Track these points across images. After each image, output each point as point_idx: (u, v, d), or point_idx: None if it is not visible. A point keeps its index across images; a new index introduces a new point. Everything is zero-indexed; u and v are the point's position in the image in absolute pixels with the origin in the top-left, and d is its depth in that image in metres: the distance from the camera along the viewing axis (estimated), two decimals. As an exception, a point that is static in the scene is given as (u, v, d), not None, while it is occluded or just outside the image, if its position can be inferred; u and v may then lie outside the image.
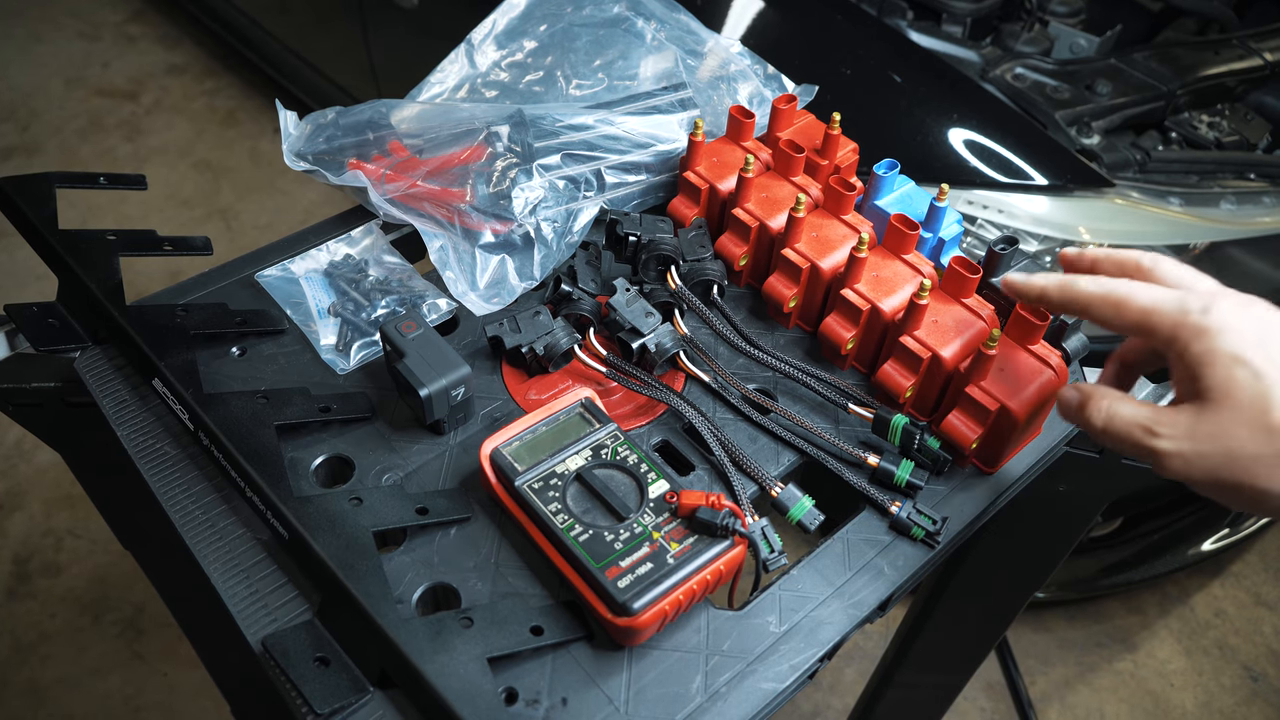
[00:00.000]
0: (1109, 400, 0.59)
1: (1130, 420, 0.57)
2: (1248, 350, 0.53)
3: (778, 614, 0.64)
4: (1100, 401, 0.59)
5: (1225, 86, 1.67)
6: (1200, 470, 0.54)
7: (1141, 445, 0.57)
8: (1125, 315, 0.58)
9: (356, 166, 0.83)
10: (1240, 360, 0.53)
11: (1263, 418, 0.52)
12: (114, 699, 1.76)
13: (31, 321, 0.74)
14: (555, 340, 0.75)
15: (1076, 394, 0.61)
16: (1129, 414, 0.57)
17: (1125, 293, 0.58)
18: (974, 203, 1.43)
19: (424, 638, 0.56)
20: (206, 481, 0.67)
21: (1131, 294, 0.58)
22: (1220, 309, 0.54)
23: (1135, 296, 0.57)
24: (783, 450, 0.74)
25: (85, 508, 2.00)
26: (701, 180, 0.85)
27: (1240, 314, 0.54)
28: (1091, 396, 0.60)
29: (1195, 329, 0.54)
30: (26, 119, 2.98)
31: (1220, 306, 0.55)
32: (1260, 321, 0.54)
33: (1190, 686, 1.90)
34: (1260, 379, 0.52)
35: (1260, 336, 0.53)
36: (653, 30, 0.96)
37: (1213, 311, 0.54)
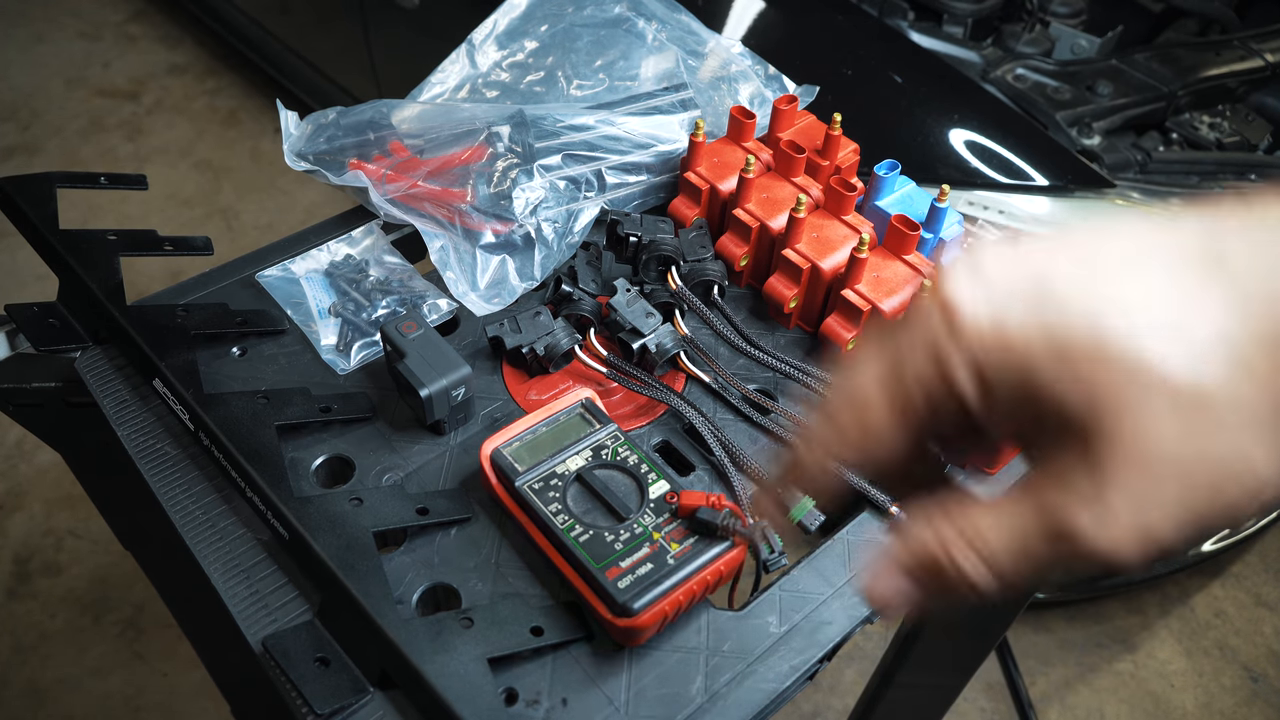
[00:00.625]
0: (944, 524, 0.34)
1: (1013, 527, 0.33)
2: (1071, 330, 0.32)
3: (778, 614, 0.64)
4: (954, 549, 0.34)
5: (1226, 87, 1.67)
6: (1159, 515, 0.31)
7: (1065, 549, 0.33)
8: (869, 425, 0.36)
9: (357, 166, 0.83)
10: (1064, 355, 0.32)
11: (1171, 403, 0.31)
12: (114, 699, 1.76)
13: (32, 321, 0.74)
14: (556, 340, 0.75)
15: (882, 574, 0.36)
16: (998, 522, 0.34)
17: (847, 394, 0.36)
18: (975, 203, 1.43)
19: (424, 638, 0.56)
20: (207, 482, 0.67)
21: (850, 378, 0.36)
22: (956, 293, 0.33)
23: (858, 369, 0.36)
24: (783, 451, 0.74)
25: (85, 508, 2.00)
26: (702, 181, 0.85)
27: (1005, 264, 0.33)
28: (907, 539, 0.35)
29: (956, 357, 0.33)
30: (27, 119, 2.98)
31: (953, 288, 0.33)
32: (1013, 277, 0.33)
33: (1190, 687, 1.90)
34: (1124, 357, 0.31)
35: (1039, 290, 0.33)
36: (654, 31, 0.96)
37: (956, 310, 0.33)
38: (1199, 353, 0.31)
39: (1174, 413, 0.31)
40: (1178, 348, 0.31)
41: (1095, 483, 0.31)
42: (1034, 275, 0.33)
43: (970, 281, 0.33)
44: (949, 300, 0.33)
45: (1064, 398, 0.32)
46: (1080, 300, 0.32)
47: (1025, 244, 0.34)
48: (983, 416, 0.34)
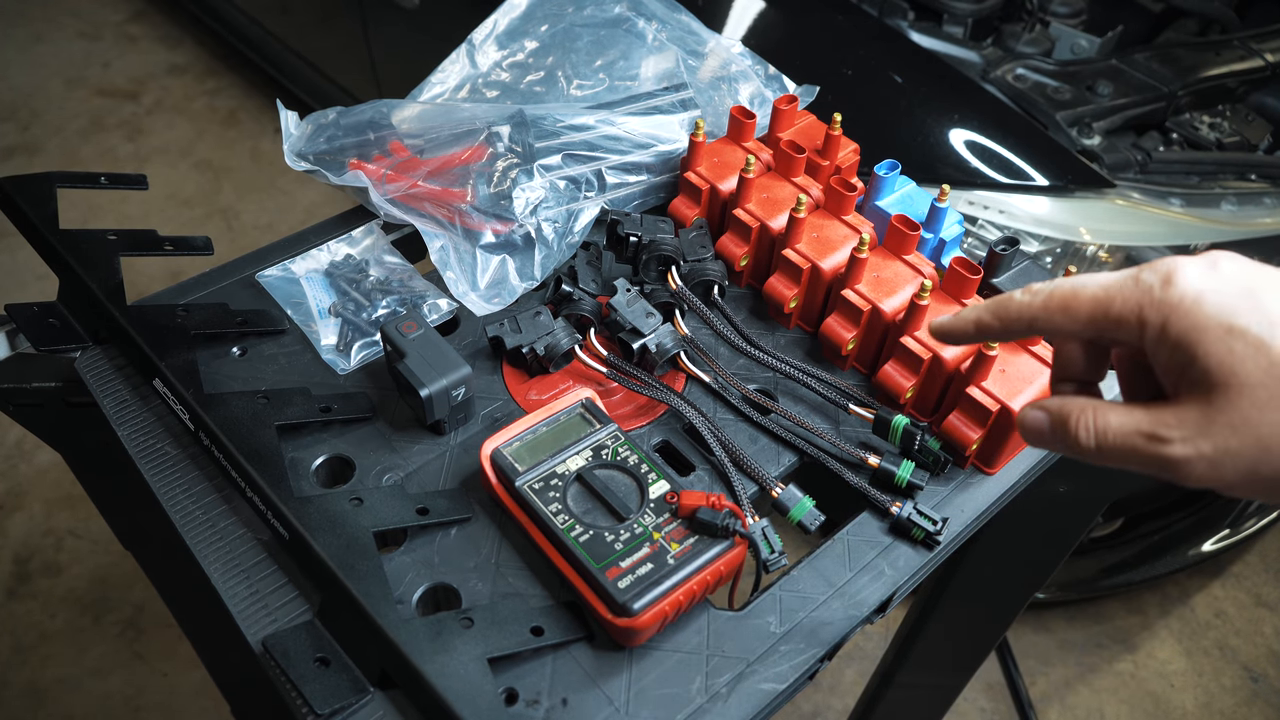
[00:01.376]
0: (1092, 412, 0.47)
1: (1128, 431, 0.46)
2: (1239, 315, 0.43)
3: (778, 614, 0.64)
4: (1083, 416, 0.48)
5: (1226, 87, 1.66)
6: (1233, 470, 0.44)
7: (1152, 456, 0.45)
8: (1076, 313, 0.47)
9: (357, 166, 0.83)
10: (1234, 330, 0.43)
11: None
12: (114, 699, 1.76)
13: (32, 321, 0.74)
14: (556, 340, 0.75)
15: (1044, 414, 0.49)
16: (1123, 424, 0.46)
17: (1070, 288, 0.47)
18: (975, 203, 1.43)
19: (424, 638, 0.56)
20: (207, 481, 0.67)
21: (1078, 287, 0.47)
22: (1185, 276, 0.44)
23: (1083, 288, 0.47)
24: (783, 451, 0.74)
25: (85, 508, 2.00)
26: (702, 181, 0.85)
27: (1209, 275, 0.44)
28: (1070, 412, 0.48)
29: (1166, 306, 0.44)
30: (27, 119, 2.98)
31: (1184, 273, 0.45)
32: (1235, 276, 0.44)
33: (1190, 687, 1.90)
34: (1266, 347, 0.42)
35: (1246, 290, 0.44)
36: (654, 31, 0.96)
37: (1177, 281, 0.44)
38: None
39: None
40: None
41: (1200, 429, 0.44)
42: (1247, 277, 0.44)
43: (1200, 266, 0.45)
44: (1174, 272, 0.45)
45: (1218, 363, 0.43)
46: (1265, 307, 0.43)
47: (1244, 262, 0.45)
48: (1151, 351, 0.46)
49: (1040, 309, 0.49)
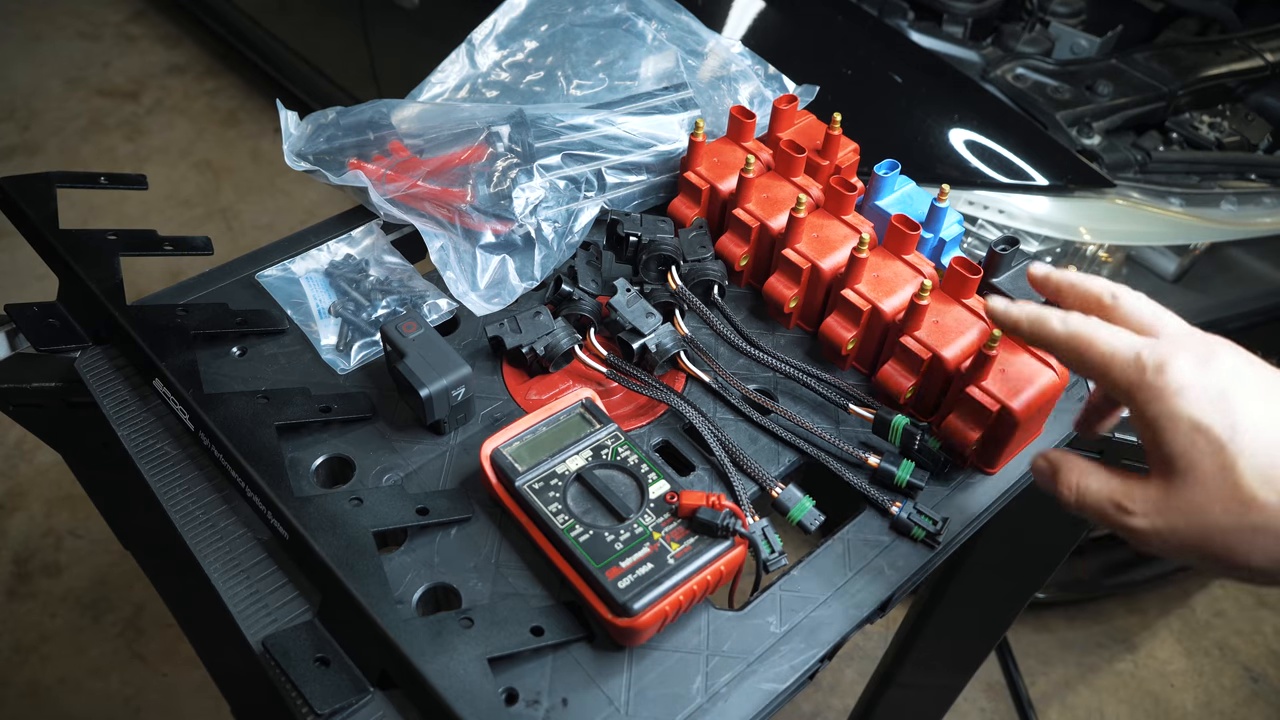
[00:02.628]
0: (1077, 474, 0.56)
1: (1101, 496, 0.54)
2: (1206, 415, 0.49)
3: (778, 614, 0.64)
4: (1069, 475, 0.56)
5: (1226, 87, 1.66)
6: (1176, 546, 0.51)
7: (1116, 523, 0.54)
8: (1086, 364, 0.55)
9: (357, 166, 0.83)
10: (1199, 427, 0.49)
11: (1232, 491, 0.48)
12: (114, 699, 1.76)
13: (32, 321, 0.74)
14: (556, 340, 0.75)
15: (1046, 464, 0.58)
16: (1099, 489, 0.54)
17: (1087, 339, 0.54)
18: (975, 203, 1.43)
19: (424, 638, 0.56)
20: (207, 482, 0.67)
21: (1092, 341, 0.54)
22: (1176, 367, 0.51)
23: (1095, 344, 0.54)
24: (783, 451, 0.74)
25: (85, 508, 2.00)
26: (702, 180, 0.85)
27: (1197, 371, 0.50)
28: (1060, 468, 0.57)
29: (1151, 390, 0.51)
30: (27, 119, 2.98)
31: (1176, 364, 0.51)
32: (1219, 376, 0.50)
33: (1190, 687, 1.90)
34: (1223, 449, 0.49)
35: (1219, 394, 0.50)
36: (653, 30, 0.96)
37: (1168, 370, 0.51)
38: (1269, 478, 0.48)
39: (1229, 506, 0.49)
40: (1260, 470, 0.48)
41: (1158, 507, 0.51)
42: (1229, 379, 0.50)
43: (1194, 359, 0.51)
44: (1168, 360, 0.51)
45: (1181, 453, 0.50)
46: (1232, 412, 0.49)
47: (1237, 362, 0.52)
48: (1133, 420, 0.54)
49: (1063, 342, 0.56)
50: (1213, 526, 0.49)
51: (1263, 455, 0.48)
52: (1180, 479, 0.50)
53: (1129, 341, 0.53)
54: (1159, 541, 0.52)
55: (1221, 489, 0.49)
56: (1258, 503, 0.48)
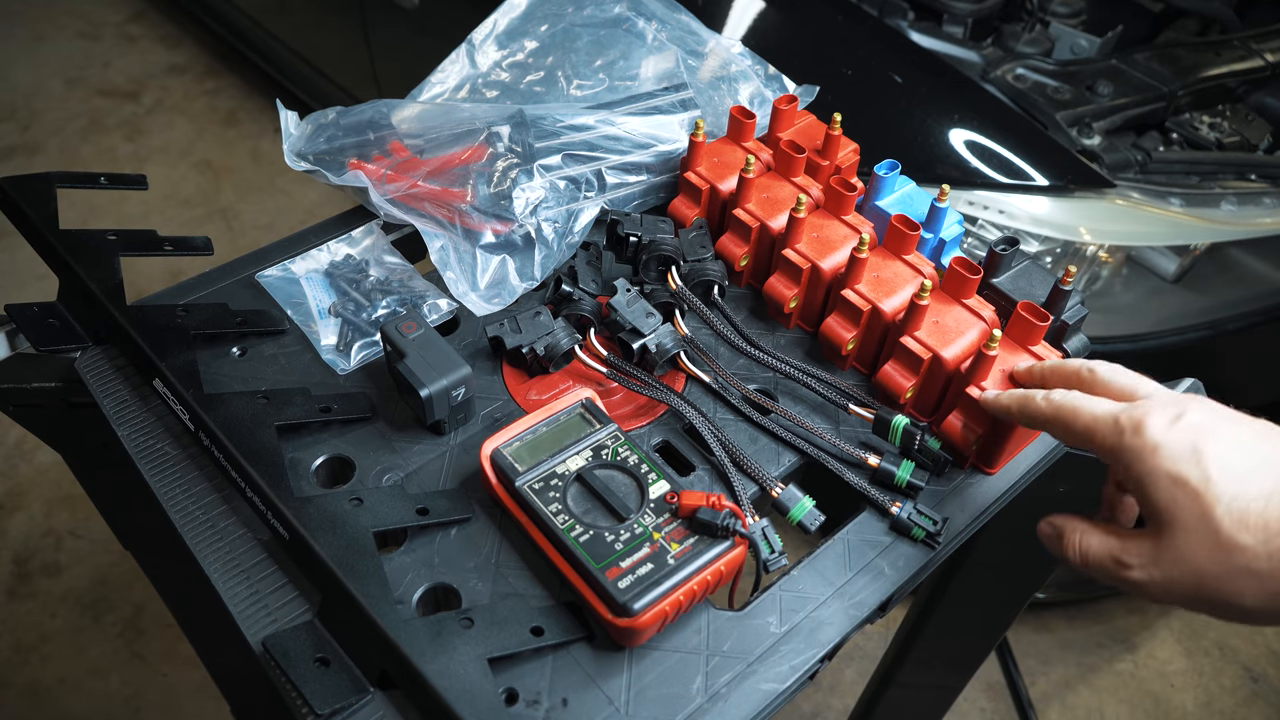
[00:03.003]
0: (1079, 534, 0.60)
1: (1102, 553, 0.58)
2: (1182, 467, 0.53)
3: (778, 614, 0.64)
4: (1072, 537, 0.60)
5: (1226, 87, 1.66)
6: (1178, 594, 0.55)
7: (1119, 578, 0.57)
8: (1073, 434, 0.59)
9: (357, 166, 0.83)
10: (1176, 480, 0.53)
11: (1213, 537, 0.52)
12: (114, 699, 1.76)
13: (32, 321, 0.74)
14: (556, 340, 0.75)
15: (1051, 529, 0.62)
16: (1099, 547, 0.58)
17: (1071, 411, 0.59)
18: (975, 203, 1.43)
19: (424, 638, 0.56)
20: (207, 482, 0.67)
21: (1076, 412, 0.59)
22: (1150, 426, 0.54)
23: (1078, 417, 0.58)
24: (783, 451, 0.74)
25: (85, 508, 2.00)
26: (702, 181, 0.85)
27: (1171, 429, 0.54)
28: (1064, 531, 0.61)
29: (1131, 451, 0.55)
30: (27, 119, 2.98)
31: (1150, 423, 0.55)
32: (1191, 431, 0.54)
33: (1190, 687, 1.90)
34: (1199, 497, 0.52)
35: (1191, 448, 0.53)
36: (654, 30, 0.96)
37: (1144, 430, 0.55)
38: (1246, 522, 0.51)
39: (1213, 551, 0.52)
40: (1236, 515, 0.51)
41: (1153, 559, 0.55)
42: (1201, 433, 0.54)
43: (1166, 418, 0.55)
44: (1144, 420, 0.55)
45: (1164, 507, 0.54)
46: (1205, 465, 0.52)
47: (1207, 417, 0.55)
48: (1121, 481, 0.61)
49: (1050, 417, 0.61)
50: (1202, 573, 0.52)
51: (1237, 500, 0.51)
52: (1167, 531, 0.54)
53: (1108, 408, 0.57)
54: (1159, 591, 0.55)
55: (1204, 536, 0.52)
56: (1238, 546, 0.51)
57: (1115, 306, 1.47)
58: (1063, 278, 0.73)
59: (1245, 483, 0.52)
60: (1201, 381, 0.83)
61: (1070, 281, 0.73)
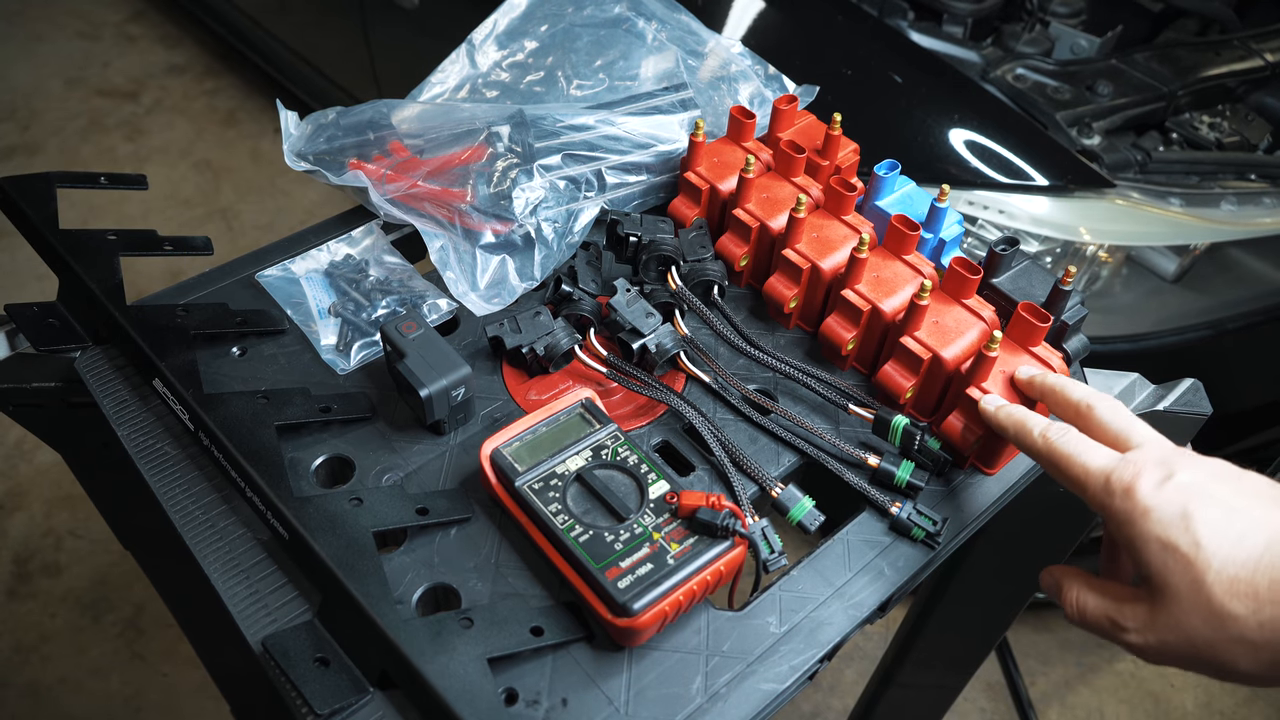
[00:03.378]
0: (1077, 591, 0.60)
1: (1098, 614, 0.58)
2: (1171, 533, 0.52)
3: (778, 615, 0.64)
4: (1070, 594, 0.60)
5: (1226, 87, 1.66)
6: (1172, 657, 0.54)
7: (1113, 638, 0.58)
8: (1062, 480, 0.59)
9: (357, 166, 0.83)
10: (1167, 546, 0.52)
11: (1206, 606, 0.51)
12: (114, 699, 1.76)
13: (32, 321, 0.74)
14: (556, 340, 0.75)
15: (1051, 580, 0.63)
16: (1095, 607, 0.59)
17: (1064, 458, 0.59)
18: (975, 203, 1.43)
19: (424, 638, 0.56)
20: (207, 482, 0.67)
21: (1069, 461, 0.59)
22: (1140, 489, 0.54)
23: (1071, 464, 0.58)
24: (783, 451, 0.74)
25: (85, 508, 2.00)
26: (702, 181, 0.85)
27: (1160, 491, 0.54)
28: (1063, 586, 0.61)
29: (1122, 514, 0.55)
30: (27, 119, 2.98)
31: (1140, 486, 0.54)
32: (1180, 494, 0.53)
33: (1190, 687, 1.90)
34: (1191, 565, 0.51)
35: (1184, 513, 0.53)
36: (653, 30, 0.96)
37: (1134, 494, 0.54)
38: (1236, 590, 0.50)
39: (1206, 620, 0.51)
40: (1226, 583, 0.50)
41: (1148, 624, 0.55)
42: (1189, 496, 0.53)
43: (1156, 479, 0.55)
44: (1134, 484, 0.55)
45: (1156, 573, 0.53)
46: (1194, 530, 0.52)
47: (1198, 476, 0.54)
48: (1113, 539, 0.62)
49: (1042, 457, 0.61)
50: (1196, 640, 0.52)
51: (1228, 568, 0.51)
52: (1160, 597, 0.54)
53: (1100, 464, 0.57)
54: (1155, 655, 0.55)
55: (1196, 605, 0.52)
56: (1230, 615, 0.50)
57: (1115, 306, 1.47)
58: (1063, 278, 0.73)
59: (1235, 549, 0.51)
60: (1201, 382, 0.83)
61: (1070, 281, 0.73)
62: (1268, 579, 0.50)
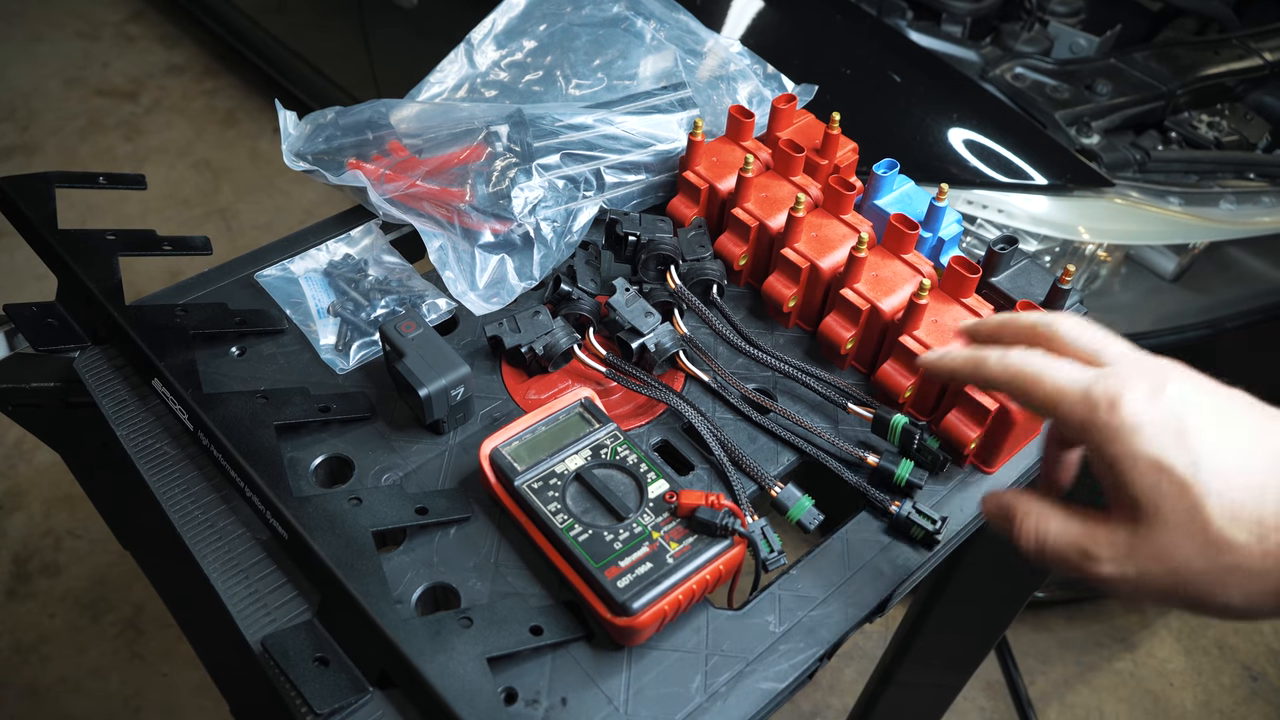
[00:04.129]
0: (1035, 517, 0.52)
1: (1064, 543, 0.50)
2: (1168, 453, 0.46)
3: (777, 614, 0.64)
4: (1027, 521, 0.52)
5: (1225, 86, 1.66)
6: (1150, 591, 0.48)
7: (1084, 571, 0.50)
8: (1033, 403, 0.52)
9: (356, 166, 0.83)
10: (1162, 467, 0.46)
11: (1202, 533, 0.46)
12: (114, 699, 1.76)
13: (31, 321, 0.74)
14: (555, 340, 0.75)
15: (998, 508, 0.54)
16: (1061, 534, 0.51)
17: (1032, 378, 0.51)
18: (973, 202, 1.43)
19: (423, 638, 0.56)
20: (206, 481, 0.67)
21: (1038, 380, 0.51)
22: (1129, 403, 0.47)
23: (1040, 383, 0.51)
24: (782, 450, 0.74)
25: (85, 508, 2.00)
26: (701, 180, 0.85)
27: (1152, 405, 0.47)
28: (1015, 513, 0.53)
29: (1106, 430, 0.48)
30: (26, 119, 2.98)
31: (1128, 400, 0.47)
32: (1175, 407, 0.47)
33: (1189, 686, 1.90)
34: (1188, 489, 0.46)
35: (1178, 429, 0.46)
36: (652, 30, 0.96)
37: (1121, 407, 0.47)
38: (1239, 516, 0.45)
39: (1202, 548, 0.46)
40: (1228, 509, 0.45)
41: (1127, 553, 0.48)
42: (1184, 412, 0.47)
43: (1145, 391, 0.48)
44: (1120, 395, 0.48)
45: (1145, 496, 0.47)
46: (1192, 448, 0.46)
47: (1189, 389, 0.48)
48: (1091, 460, 0.51)
49: (1004, 383, 0.53)
50: (1185, 570, 0.47)
51: (1229, 492, 0.45)
52: (1147, 522, 0.47)
53: (1075, 376, 0.50)
54: (1129, 588, 0.49)
55: (1191, 531, 0.46)
56: (1230, 543, 0.45)
57: (1114, 305, 1.47)
58: (1061, 277, 0.74)
59: (1238, 471, 0.46)
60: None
61: (1069, 280, 0.73)
62: (1275, 503, 0.45)
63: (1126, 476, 0.47)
